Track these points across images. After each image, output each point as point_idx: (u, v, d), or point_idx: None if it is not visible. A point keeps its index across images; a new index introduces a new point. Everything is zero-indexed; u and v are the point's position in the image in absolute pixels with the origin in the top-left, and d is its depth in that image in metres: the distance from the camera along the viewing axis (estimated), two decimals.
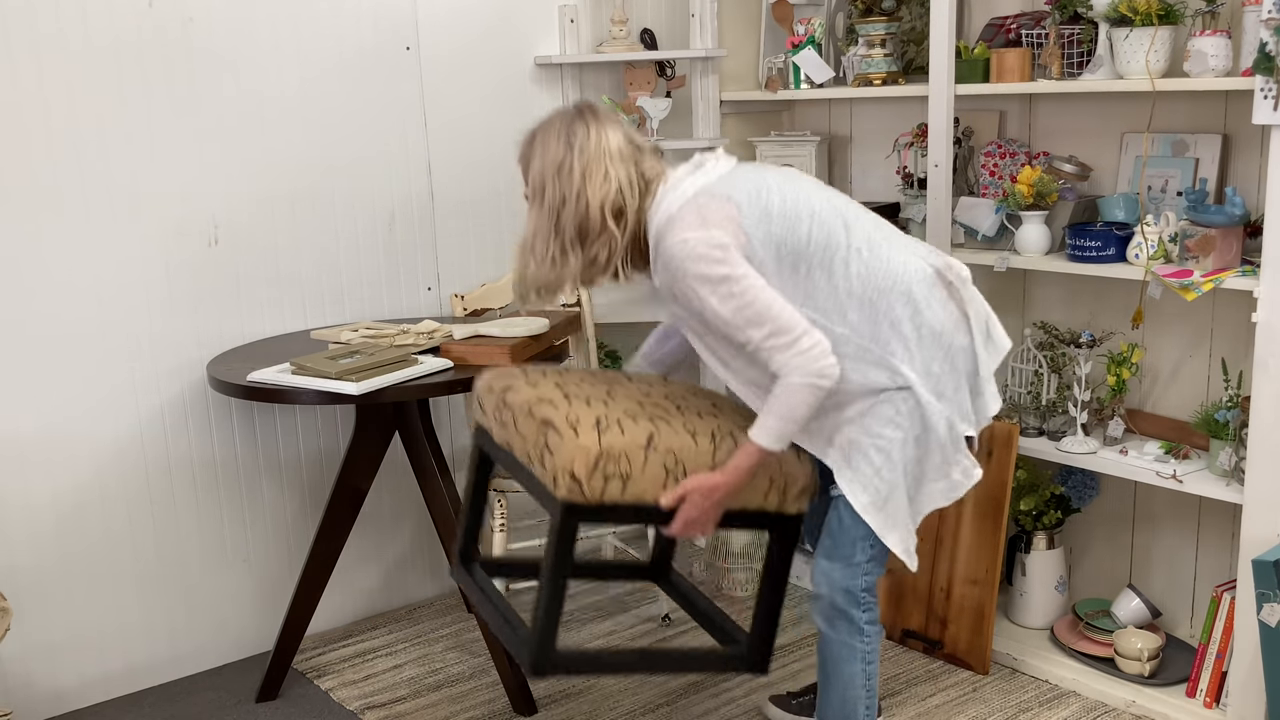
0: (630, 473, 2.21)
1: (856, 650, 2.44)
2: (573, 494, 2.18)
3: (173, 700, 3.13)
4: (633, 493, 2.23)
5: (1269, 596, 2.47)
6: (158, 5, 2.98)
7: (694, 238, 2.17)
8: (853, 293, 2.24)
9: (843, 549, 2.39)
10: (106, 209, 2.96)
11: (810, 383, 2.16)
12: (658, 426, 2.26)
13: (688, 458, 2.26)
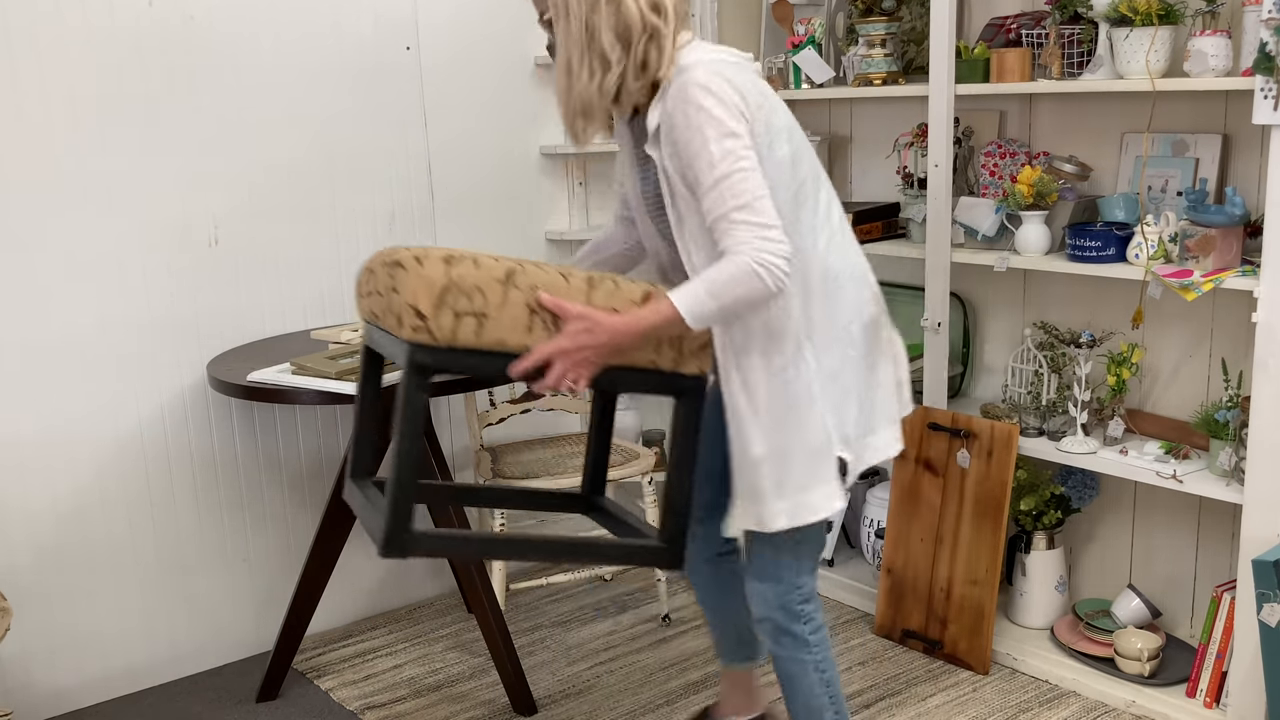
0: (486, 311, 1.94)
1: (807, 663, 2.37)
2: (418, 334, 1.91)
3: (173, 700, 3.13)
4: (491, 335, 1.95)
5: (1269, 596, 2.47)
6: (158, 4, 2.98)
7: (720, 83, 2.01)
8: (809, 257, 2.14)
9: (766, 570, 2.32)
10: (107, 208, 2.96)
11: (756, 270, 1.96)
12: (523, 265, 1.98)
13: (557, 294, 1.99)
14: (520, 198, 3.69)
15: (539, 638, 3.41)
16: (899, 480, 3.29)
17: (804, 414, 2.16)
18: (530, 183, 3.71)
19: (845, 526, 3.74)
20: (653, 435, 3.76)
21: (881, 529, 3.50)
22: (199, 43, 3.05)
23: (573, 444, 3.55)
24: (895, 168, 3.46)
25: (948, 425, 3.18)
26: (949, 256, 3.15)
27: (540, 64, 3.65)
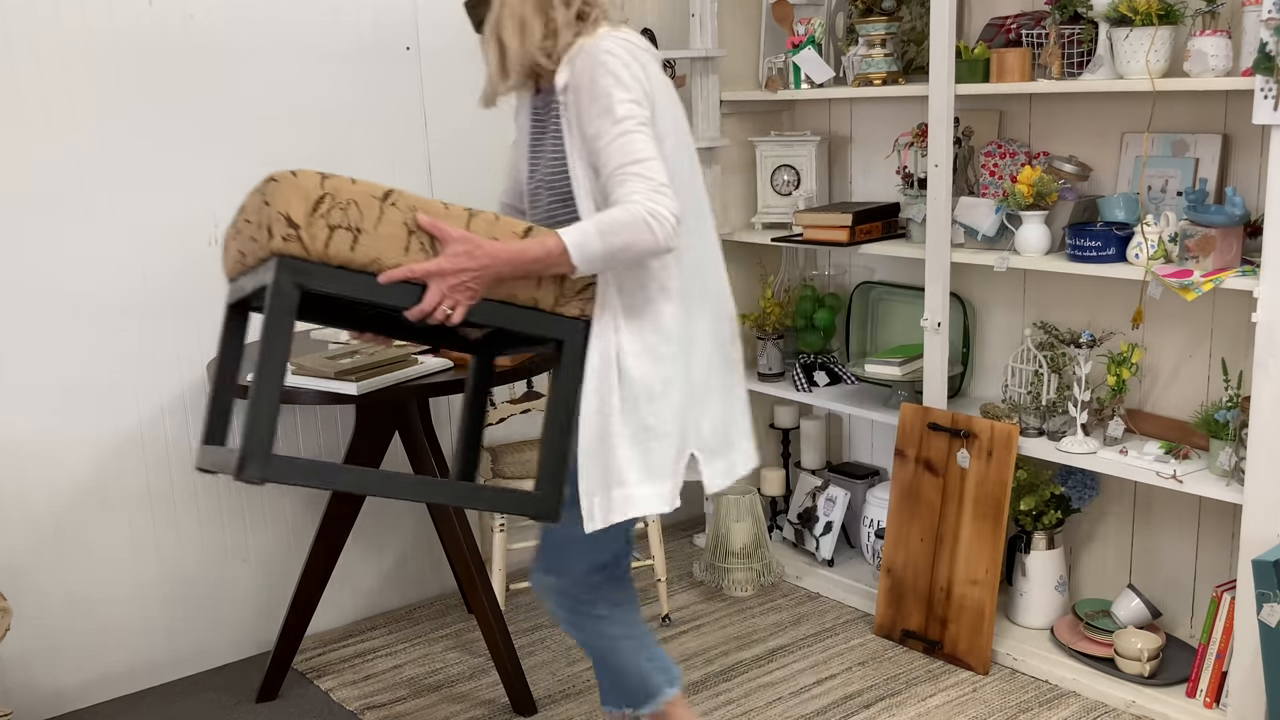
0: (361, 225, 1.87)
1: (614, 636, 2.31)
2: (289, 243, 1.82)
3: (173, 700, 3.13)
4: (366, 252, 1.87)
5: (1269, 596, 2.47)
6: (158, 4, 2.98)
7: (627, 55, 2.03)
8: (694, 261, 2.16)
9: (554, 557, 2.27)
10: (106, 208, 2.97)
11: (647, 219, 1.94)
12: (402, 191, 1.93)
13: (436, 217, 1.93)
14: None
15: (539, 638, 3.41)
16: (899, 480, 3.29)
17: (661, 406, 2.12)
18: None
19: (845, 526, 3.74)
20: None
21: (881, 529, 3.50)
22: (199, 43, 3.05)
23: None
24: (895, 168, 3.46)
25: (948, 425, 3.18)
26: (949, 256, 3.15)
27: None
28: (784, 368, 3.78)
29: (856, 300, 3.68)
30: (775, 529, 3.92)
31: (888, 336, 3.65)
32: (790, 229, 3.66)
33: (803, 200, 3.65)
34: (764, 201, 3.76)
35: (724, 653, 3.28)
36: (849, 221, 3.36)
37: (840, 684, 3.09)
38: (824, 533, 3.70)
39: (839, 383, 3.69)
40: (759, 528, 3.66)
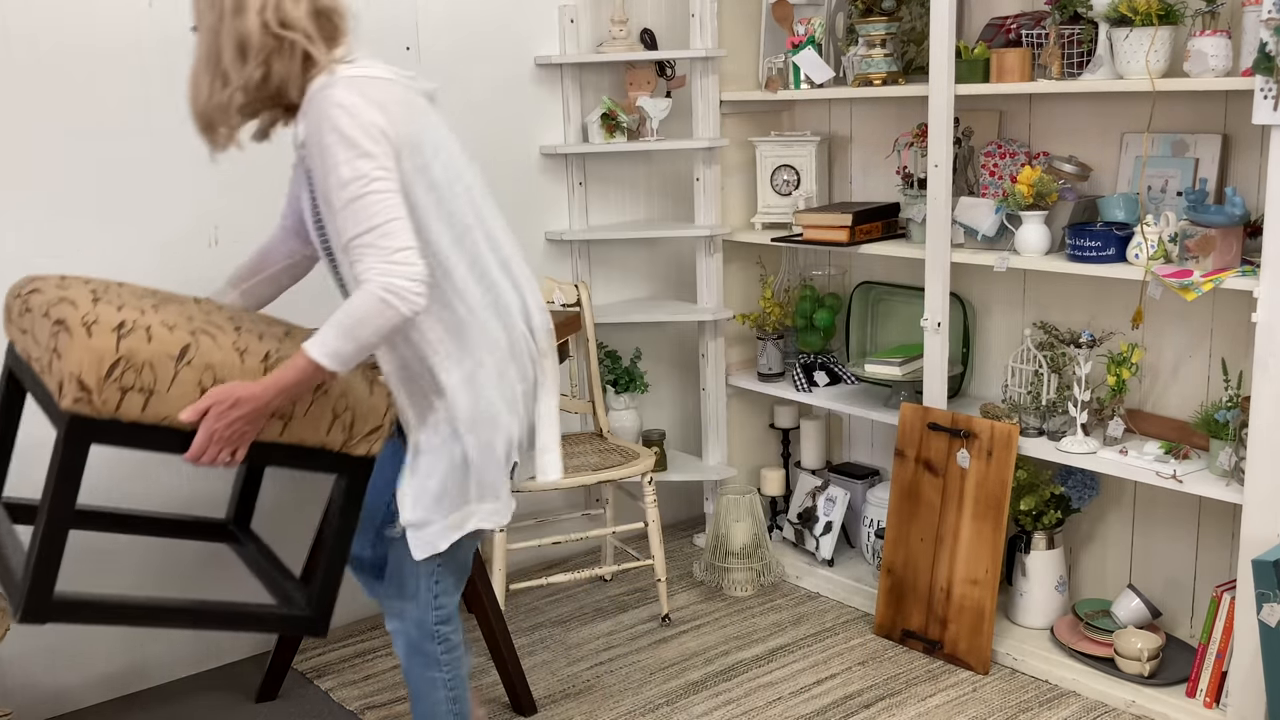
0: (155, 387, 1.92)
1: (437, 681, 2.38)
2: (80, 405, 1.87)
3: (173, 700, 3.13)
4: (157, 411, 1.93)
5: (1269, 596, 2.47)
6: (158, 4, 2.98)
7: (361, 102, 1.99)
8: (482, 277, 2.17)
9: (409, 585, 2.31)
10: (106, 209, 2.96)
11: (384, 296, 1.94)
12: (198, 340, 1.97)
13: (230, 376, 1.97)
14: (520, 198, 3.69)
15: (539, 638, 3.41)
16: (899, 480, 3.29)
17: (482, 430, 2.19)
18: (530, 183, 3.71)
19: (845, 526, 3.74)
20: (653, 435, 3.76)
21: (881, 529, 3.50)
22: None
23: (572, 444, 3.55)
24: (895, 168, 3.46)
25: (948, 425, 3.18)
26: (949, 256, 3.15)
27: (540, 64, 3.65)
28: (784, 368, 3.79)
29: (856, 300, 3.68)
30: (775, 529, 3.92)
31: (888, 336, 3.65)
32: (790, 229, 3.66)
33: (803, 200, 3.65)
34: (764, 201, 3.76)
35: (724, 653, 3.28)
36: (849, 221, 3.36)
37: (840, 684, 3.09)
38: (824, 533, 3.70)
39: (839, 383, 3.69)
40: (759, 528, 3.66)
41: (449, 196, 2.11)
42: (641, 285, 4.00)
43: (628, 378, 3.74)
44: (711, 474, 3.85)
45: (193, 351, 1.95)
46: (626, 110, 3.64)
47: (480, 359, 2.18)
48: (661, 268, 4.03)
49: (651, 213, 3.98)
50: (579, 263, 3.81)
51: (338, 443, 2.14)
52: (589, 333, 3.58)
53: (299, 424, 2.08)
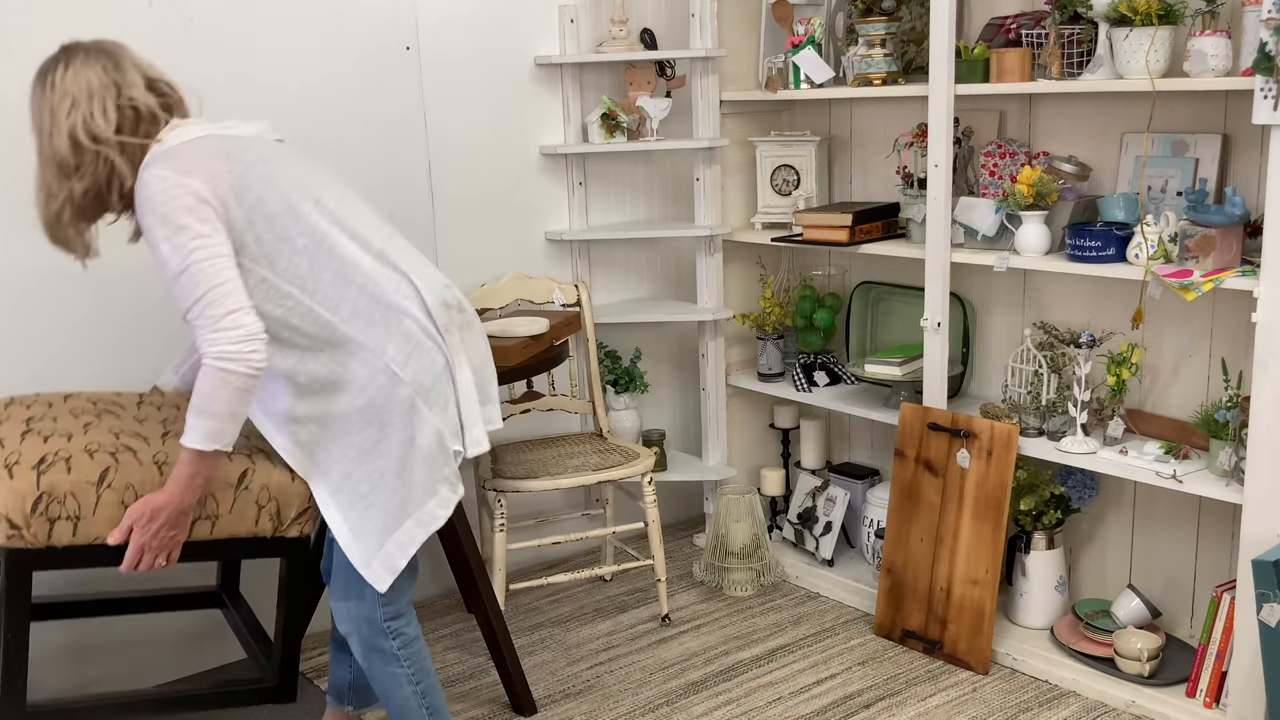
0: (80, 513, 2.12)
1: (400, 677, 2.41)
2: (14, 540, 2.09)
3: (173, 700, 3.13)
4: (87, 533, 2.14)
5: (1269, 596, 2.47)
6: (158, 5, 2.98)
7: (171, 176, 2.12)
8: (352, 280, 2.23)
9: (352, 585, 2.35)
10: None
11: (220, 367, 2.06)
12: (120, 460, 2.17)
13: (151, 490, 2.17)
14: (520, 198, 3.69)
15: (539, 638, 3.41)
16: (899, 480, 3.29)
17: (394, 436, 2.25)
18: (530, 183, 3.71)
19: (845, 526, 3.74)
20: (653, 435, 3.76)
21: (881, 529, 3.50)
22: (199, 44, 3.05)
23: (572, 444, 3.55)
24: (895, 168, 3.46)
25: (948, 425, 3.18)
26: (949, 256, 3.15)
27: (540, 64, 3.65)
28: (784, 368, 3.79)
29: (856, 300, 3.68)
30: (775, 529, 3.92)
31: (888, 336, 3.65)
32: (790, 229, 3.66)
33: (802, 200, 3.65)
34: (764, 201, 3.76)
35: (724, 653, 3.28)
36: (849, 221, 3.36)
37: (840, 684, 3.09)
38: (824, 533, 3.70)
39: (839, 383, 3.69)
40: (759, 528, 3.66)
41: (293, 220, 2.19)
42: (641, 285, 4.00)
43: (628, 378, 3.74)
44: (711, 474, 3.85)
45: (112, 474, 2.15)
46: (626, 110, 3.64)
47: (374, 367, 2.23)
48: (661, 268, 4.03)
49: (651, 213, 3.98)
50: (579, 263, 3.81)
51: (269, 530, 2.32)
52: (589, 333, 3.58)
53: (227, 521, 2.26)
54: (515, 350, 3.02)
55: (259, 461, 2.33)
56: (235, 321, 2.08)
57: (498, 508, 3.21)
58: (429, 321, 2.30)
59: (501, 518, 3.22)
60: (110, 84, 2.22)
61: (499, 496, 3.21)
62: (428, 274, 2.35)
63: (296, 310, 2.20)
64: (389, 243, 2.32)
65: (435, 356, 2.29)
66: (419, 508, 2.28)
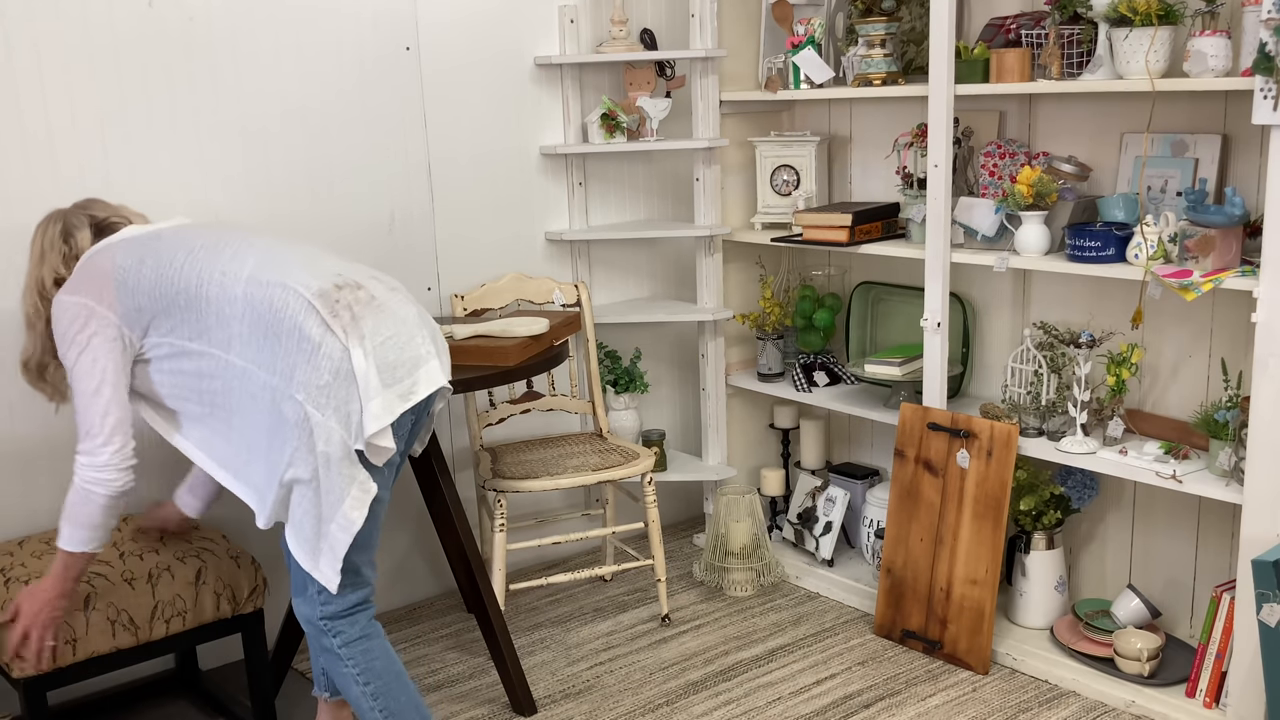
0: (76, 635, 2.48)
1: (347, 676, 2.44)
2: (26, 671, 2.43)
3: (172, 700, 3.13)
4: (85, 650, 2.49)
5: (1269, 596, 2.47)
6: (158, 5, 2.98)
7: (66, 300, 2.34)
8: (232, 316, 2.30)
9: (297, 581, 2.42)
10: None
11: (82, 488, 2.32)
12: (95, 585, 2.53)
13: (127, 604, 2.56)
14: (520, 198, 3.69)
15: (539, 638, 3.41)
16: (899, 480, 3.29)
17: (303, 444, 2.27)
18: (530, 183, 3.71)
19: (845, 526, 3.74)
20: (653, 435, 3.76)
21: (881, 529, 3.50)
22: (199, 43, 3.05)
23: (572, 444, 3.55)
24: (895, 168, 3.46)
25: (947, 425, 3.18)
26: (949, 256, 3.15)
27: (540, 64, 3.65)
28: (784, 368, 3.79)
29: (856, 300, 3.68)
30: (775, 529, 3.92)
31: (887, 336, 3.65)
32: (790, 229, 3.66)
33: (802, 200, 3.65)
34: (764, 201, 3.76)
35: (724, 653, 3.28)
36: (849, 221, 3.36)
37: (840, 684, 3.09)
38: (824, 533, 3.70)
39: (839, 383, 3.69)
40: (759, 528, 3.66)
41: (172, 278, 2.33)
42: (641, 285, 4.00)
43: (628, 378, 3.74)
44: (711, 474, 3.85)
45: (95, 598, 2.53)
46: (626, 110, 3.64)
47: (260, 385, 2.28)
48: (661, 268, 4.03)
49: (651, 213, 3.98)
50: (579, 263, 3.81)
51: (229, 612, 2.69)
52: (589, 333, 3.58)
53: (194, 613, 2.64)
54: (515, 350, 3.02)
55: (207, 559, 2.70)
56: (94, 448, 2.31)
57: (498, 508, 3.21)
58: (316, 316, 2.27)
59: (501, 518, 3.22)
60: (61, 238, 2.46)
61: (499, 496, 3.21)
62: (315, 266, 2.35)
63: (206, 361, 2.33)
64: (262, 262, 2.34)
65: (331, 349, 2.26)
66: (335, 511, 2.29)
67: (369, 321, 2.30)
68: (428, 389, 2.35)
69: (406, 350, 2.34)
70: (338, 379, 2.25)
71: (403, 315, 2.36)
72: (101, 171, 2.95)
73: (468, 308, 3.50)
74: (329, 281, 2.32)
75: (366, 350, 2.28)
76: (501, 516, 3.22)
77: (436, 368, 2.38)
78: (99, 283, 2.33)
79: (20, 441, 2.94)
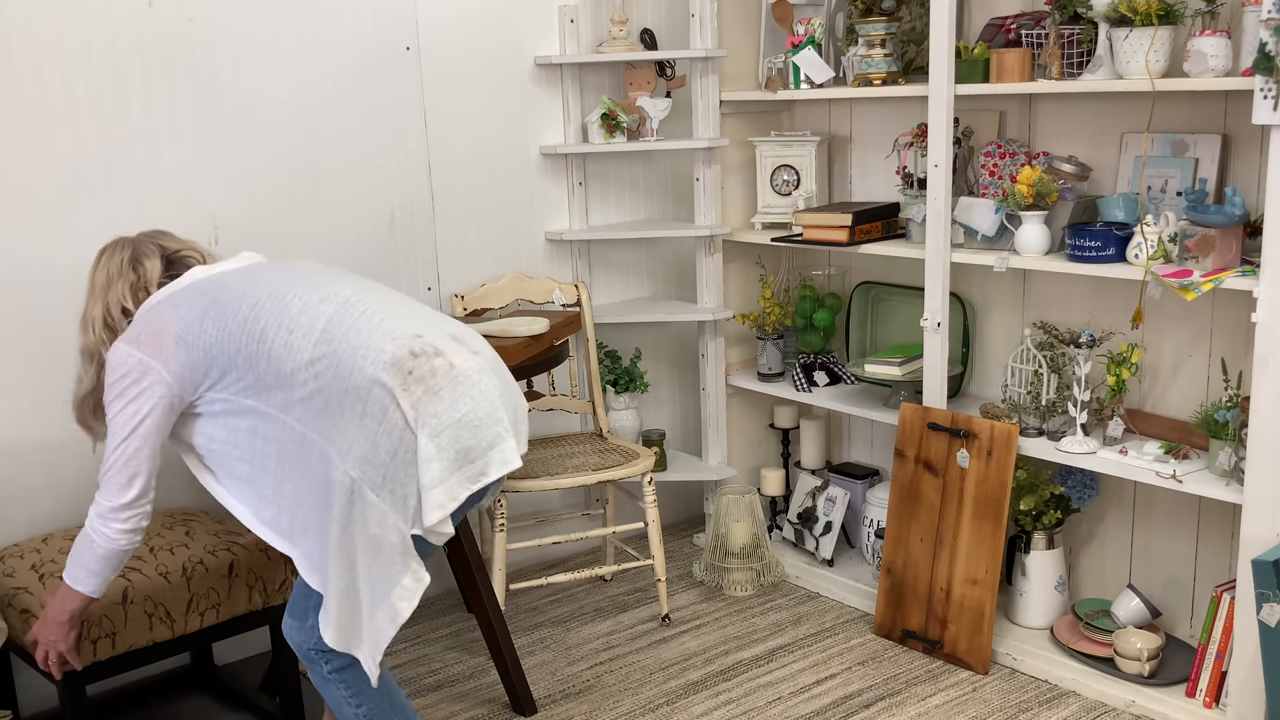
0: (115, 629, 2.52)
1: (340, 699, 2.38)
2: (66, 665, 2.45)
3: (173, 699, 3.13)
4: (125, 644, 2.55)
5: (1269, 596, 2.47)
6: (158, 5, 2.98)
7: (123, 350, 2.25)
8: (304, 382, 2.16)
9: (298, 607, 2.36)
10: (107, 209, 2.96)
11: (88, 531, 2.27)
12: (131, 580, 2.56)
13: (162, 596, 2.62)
14: (520, 198, 3.69)
15: (539, 638, 3.41)
16: (899, 480, 3.29)
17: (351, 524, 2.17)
18: (530, 183, 3.71)
19: (845, 526, 3.74)
20: (653, 435, 3.76)
21: (881, 529, 3.50)
22: (199, 44, 3.05)
23: (572, 444, 3.55)
24: (895, 168, 3.46)
25: (947, 425, 3.18)
26: (949, 256, 3.15)
27: (540, 64, 3.65)
28: (784, 368, 3.79)
29: (856, 300, 3.68)
30: (775, 529, 3.92)
31: (888, 336, 3.65)
32: (790, 229, 3.66)
33: (802, 200, 3.65)
34: (764, 201, 3.76)
35: (724, 653, 3.28)
36: (849, 221, 3.36)
37: (840, 684, 3.09)
38: (824, 533, 3.70)
39: (839, 383, 3.69)
40: (759, 528, 3.66)
41: (235, 333, 2.21)
42: (641, 285, 4.00)
43: (628, 378, 3.74)
44: (711, 474, 3.85)
45: (132, 592, 2.55)
46: (626, 110, 3.64)
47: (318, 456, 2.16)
48: (661, 268, 4.03)
49: (651, 213, 3.98)
50: (579, 263, 3.81)
51: (260, 604, 2.75)
52: (589, 333, 3.58)
53: (227, 605, 2.69)
54: (515, 350, 3.02)
55: (238, 552, 2.72)
56: (106, 500, 2.26)
57: (498, 508, 3.21)
58: (383, 389, 2.12)
59: (501, 518, 3.22)
60: (125, 271, 2.38)
61: (499, 496, 3.21)
62: (393, 327, 2.19)
63: (262, 422, 2.21)
64: (335, 320, 2.19)
65: (393, 426, 2.11)
66: (383, 600, 2.17)
67: (445, 398, 2.14)
68: (499, 472, 2.20)
69: (481, 432, 2.17)
70: (395, 460, 2.11)
71: (483, 388, 2.19)
72: (101, 170, 2.95)
73: (468, 308, 3.50)
74: (404, 347, 2.15)
75: (435, 431, 2.12)
76: (501, 516, 3.22)
77: (512, 448, 2.22)
78: (159, 339, 2.22)
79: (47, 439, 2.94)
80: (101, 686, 3.01)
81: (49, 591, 2.55)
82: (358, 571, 2.18)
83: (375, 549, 2.15)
